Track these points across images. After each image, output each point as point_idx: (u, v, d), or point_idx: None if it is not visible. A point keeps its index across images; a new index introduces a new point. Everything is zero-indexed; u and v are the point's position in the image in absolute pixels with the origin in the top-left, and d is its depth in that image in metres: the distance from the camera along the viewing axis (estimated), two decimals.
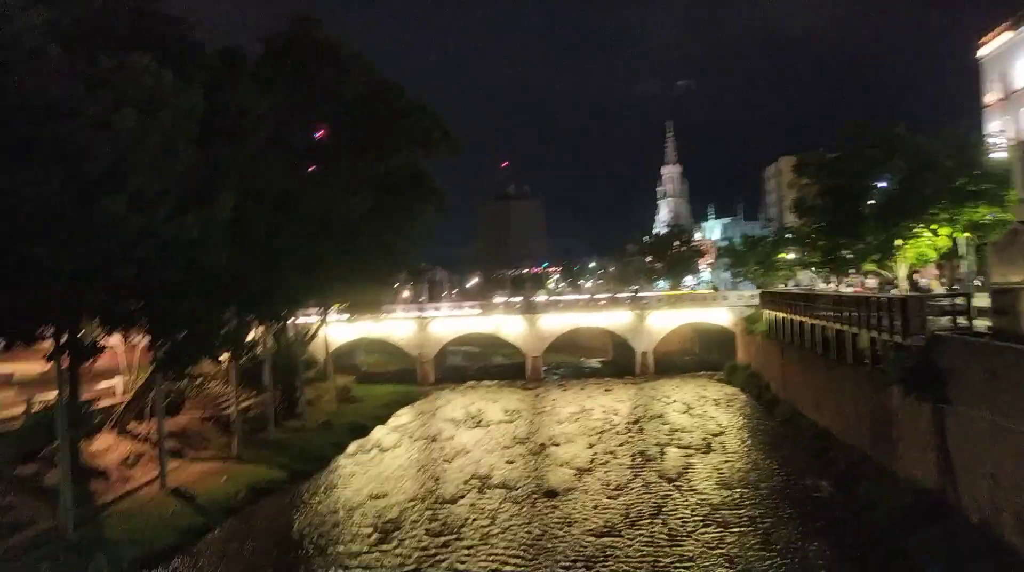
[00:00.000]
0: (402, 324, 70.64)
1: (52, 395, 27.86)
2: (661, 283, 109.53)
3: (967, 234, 36.38)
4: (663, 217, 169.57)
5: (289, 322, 45.81)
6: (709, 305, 71.94)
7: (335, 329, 64.34)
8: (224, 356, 34.23)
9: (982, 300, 23.75)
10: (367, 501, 31.52)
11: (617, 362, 75.30)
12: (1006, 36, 50.08)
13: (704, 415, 48.01)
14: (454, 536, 26.55)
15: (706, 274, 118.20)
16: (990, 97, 52.44)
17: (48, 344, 24.95)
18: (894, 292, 36.06)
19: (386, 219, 35.95)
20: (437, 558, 24.46)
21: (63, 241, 18.29)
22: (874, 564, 22.32)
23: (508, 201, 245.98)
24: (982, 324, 23.88)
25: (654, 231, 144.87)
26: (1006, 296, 21.83)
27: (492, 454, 39.47)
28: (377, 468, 37.58)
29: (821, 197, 40.95)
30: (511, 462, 37.55)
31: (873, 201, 38.03)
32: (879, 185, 37.94)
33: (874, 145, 37.96)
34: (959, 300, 24.98)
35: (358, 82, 33.83)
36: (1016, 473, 19.53)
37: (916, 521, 23.42)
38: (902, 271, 39.62)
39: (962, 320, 24.35)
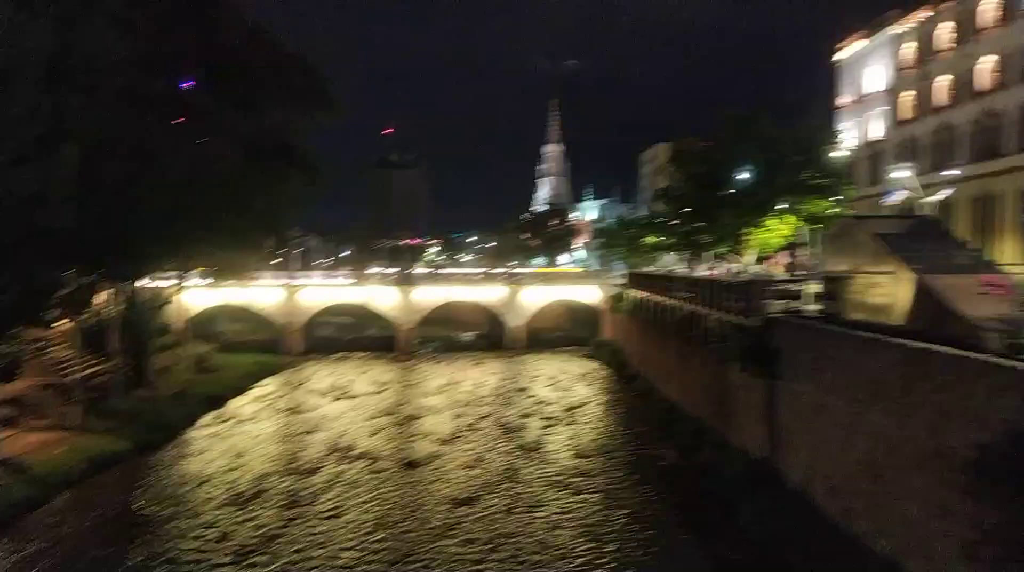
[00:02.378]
0: (269, 292, 68.25)
1: None
2: (539, 260, 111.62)
3: (809, 225, 39.42)
4: (543, 195, 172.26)
5: (143, 284, 43.11)
6: (580, 283, 74.15)
7: (195, 294, 61.33)
8: (64, 319, 31.90)
9: (816, 287, 25.82)
10: (218, 473, 30.49)
11: (490, 336, 76.29)
12: (859, 44, 54.27)
13: (567, 388, 49.63)
14: (308, 506, 26.24)
15: (582, 253, 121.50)
16: (842, 99, 56.80)
17: None
18: (743, 276, 38.54)
19: (255, 183, 34.25)
20: (288, 529, 24.10)
21: None
22: (709, 523, 24.07)
23: (391, 169, 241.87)
24: (816, 308, 26.05)
25: (533, 209, 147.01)
26: (833, 284, 23.88)
27: (355, 426, 39.13)
28: (232, 440, 36.34)
29: (685, 183, 43.04)
30: (374, 434, 37.39)
31: (732, 190, 40.35)
32: (739, 176, 40.23)
33: (738, 136, 40.20)
34: (792, 286, 27.06)
35: (230, 31, 31.90)
36: (829, 444, 21.55)
37: (747, 486, 25.45)
38: (750, 257, 42.42)
39: (796, 304, 26.40)
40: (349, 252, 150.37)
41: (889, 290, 19.80)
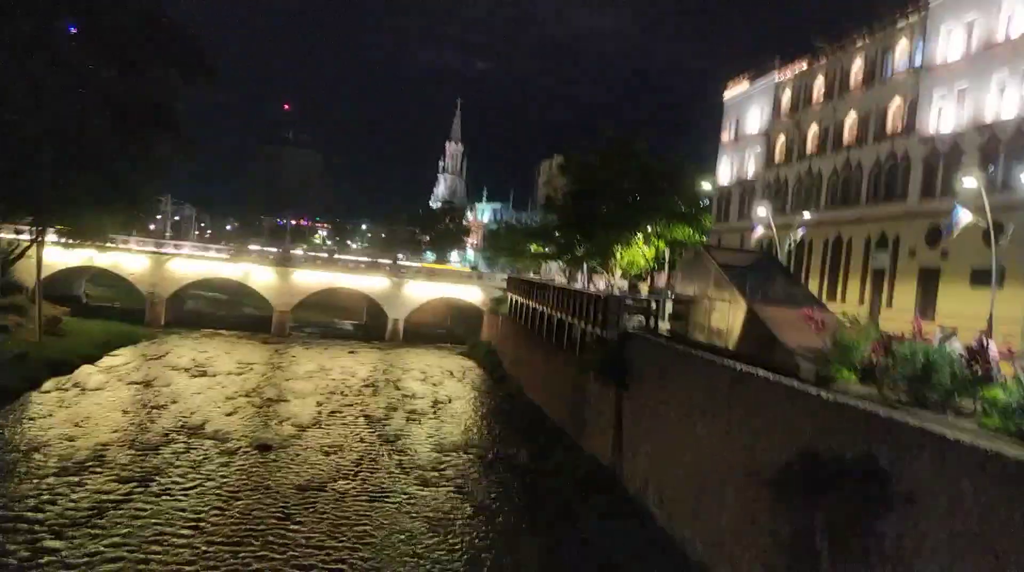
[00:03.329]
0: (136, 258, 64.90)
1: None
2: (429, 255, 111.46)
3: (669, 250, 41.91)
4: (440, 192, 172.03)
5: (11, 240, 40.06)
6: (464, 282, 74.81)
7: (52, 252, 57.49)
8: None
9: (669, 306, 27.49)
10: (54, 441, 28.87)
11: (369, 327, 75.68)
12: (743, 86, 57.75)
13: (438, 384, 50.03)
14: (144, 482, 25.31)
15: (470, 254, 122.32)
16: (725, 136, 60.23)
17: None
18: (611, 292, 40.27)
19: (119, 143, 32.60)
20: (120, 503, 23.20)
21: None
22: (546, 520, 25.07)
23: (284, 146, 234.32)
24: (667, 327, 27.73)
25: (431, 204, 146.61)
26: (681, 305, 25.53)
27: (211, 405, 37.96)
28: (75, 409, 34.42)
29: (566, 196, 44.65)
30: (230, 414, 36.43)
31: (604, 208, 42.20)
32: (612, 195, 42.07)
33: (616, 156, 42.12)
34: (648, 304, 28.69)
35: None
36: (663, 454, 23.04)
37: (589, 489, 26.73)
38: (618, 273, 44.57)
39: (651, 322, 28.00)
40: (232, 227, 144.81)
41: (725, 315, 21.44)
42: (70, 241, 46.85)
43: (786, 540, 16.32)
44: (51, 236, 47.68)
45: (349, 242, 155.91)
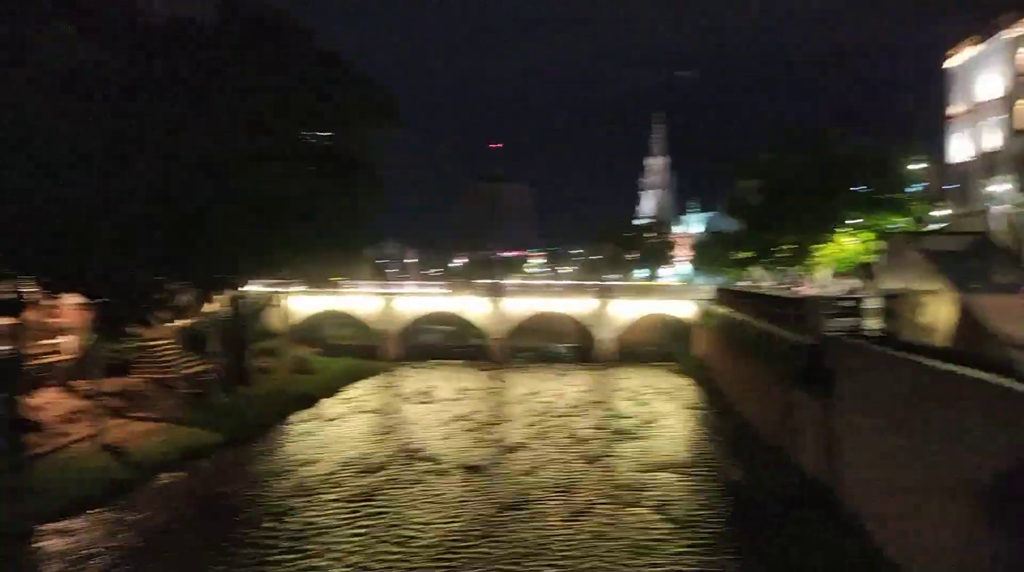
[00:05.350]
0: (369, 300, 71.71)
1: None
2: (638, 273, 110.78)
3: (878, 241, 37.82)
4: (646, 208, 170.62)
5: (245, 290, 46.57)
6: (673, 297, 73.16)
7: (298, 301, 65.35)
8: (172, 321, 35.19)
9: (875, 303, 24.95)
10: (294, 468, 32.76)
11: (581, 349, 76.57)
12: (972, 50, 51.21)
13: (647, 403, 49.31)
14: (366, 501, 27.87)
15: (685, 267, 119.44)
16: (954, 109, 53.66)
17: None
18: (813, 294, 37.32)
19: (324, 198, 36.48)
20: (344, 521, 25.76)
21: None
22: (756, 540, 23.70)
23: (497, 183, 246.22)
24: (875, 327, 25.17)
25: (636, 221, 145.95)
26: (888, 301, 23.09)
27: (430, 429, 40.73)
28: (315, 437, 38.78)
29: (754, 196, 42.27)
30: (446, 438, 38.81)
31: (800, 205, 39.29)
32: (799, 191, 39.12)
33: (809, 148, 39.18)
34: (850, 303, 26.24)
35: (300, 54, 34.40)
36: (875, 465, 20.87)
37: (801, 505, 24.91)
38: (825, 273, 41.06)
39: (855, 322, 25.60)
40: (451, 263, 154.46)
41: (934, 310, 19.06)
42: (310, 290, 52.91)
43: (1010, 558, 14.10)
44: (296, 288, 54.39)
45: (558, 268, 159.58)
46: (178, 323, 40.25)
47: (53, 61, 19.36)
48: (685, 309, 70.06)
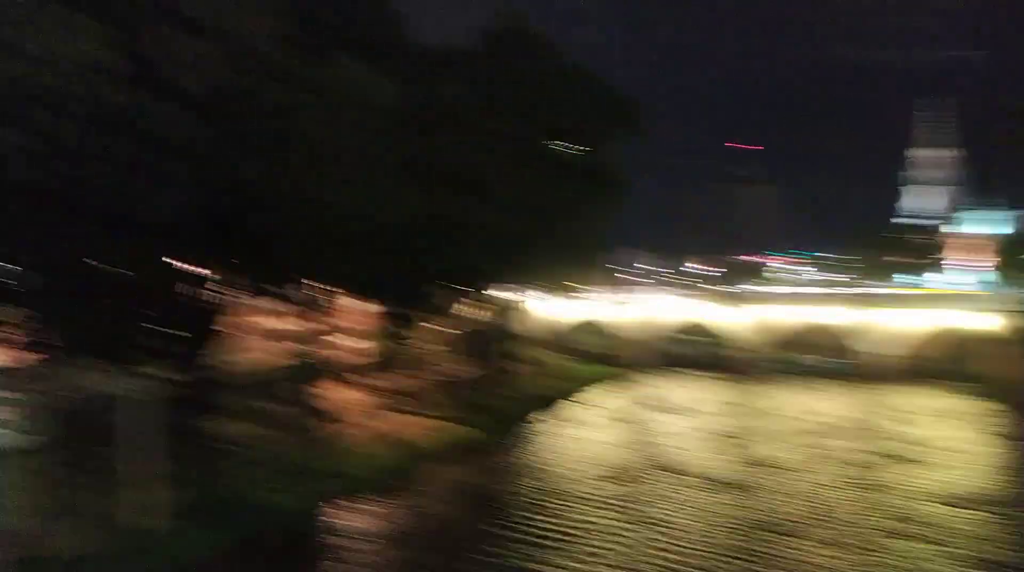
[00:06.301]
0: (607, 305, 72.17)
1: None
2: (904, 277, 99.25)
3: None
4: (909, 206, 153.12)
5: (491, 295, 48.97)
6: (966, 307, 63.73)
7: (539, 305, 67.04)
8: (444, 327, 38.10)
9: None
10: (547, 467, 34.02)
11: (842, 362, 69.96)
12: None
13: (937, 427, 43.82)
14: (620, 508, 27.81)
15: (988, 273, 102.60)
16: None
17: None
18: None
19: (568, 205, 37.24)
20: (603, 525, 25.91)
21: (289, 217, 22.30)
22: None
23: (737, 183, 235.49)
24: None
25: (897, 220, 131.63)
26: None
27: (677, 439, 39.85)
28: (560, 439, 40.03)
29: None
30: (695, 449, 37.63)
31: None
32: None
33: None
34: None
35: (554, 72, 35.45)
36: None
37: None
38: None
39: None
40: (686, 267, 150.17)
41: None
42: (549, 294, 54.62)
43: None
44: (532, 291, 56.38)
45: (812, 273, 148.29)
46: (440, 326, 43.41)
47: (353, 94, 21.86)
48: (984, 321, 60.47)
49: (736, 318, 68.78)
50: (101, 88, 18.10)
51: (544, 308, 69.58)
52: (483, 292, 44.27)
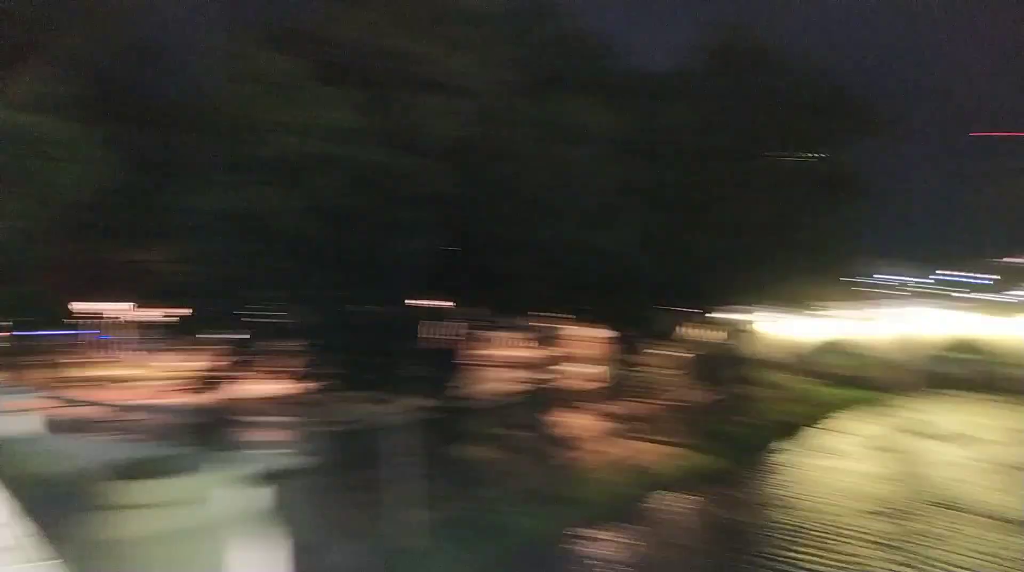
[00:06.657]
0: (855, 324, 66.21)
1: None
2: None
3: None
4: None
5: (719, 317, 47.14)
6: None
7: (775, 326, 63.23)
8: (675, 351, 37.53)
9: None
10: (794, 499, 31.66)
11: None
12: None
13: None
14: (888, 550, 25.04)
15: None
16: None
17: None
18: None
19: (810, 219, 34.84)
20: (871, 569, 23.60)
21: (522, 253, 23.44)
22: None
23: (997, 175, 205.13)
24: None
25: None
26: None
27: (959, 472, 35.13)
28: (810, 471, 37.02)
29: None
30: (973, 484, 32.98)
31: None
32: None
33: None
34: None
35: (785, 81, 33.75)
36: None
37: None
38: None
39: None
40: (945, 274, 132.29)
41: None
42: (787, 314, 51.24)
43: None
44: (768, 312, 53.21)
45: None
46: (671, 350, 42.64)
47: (573, 128, 22.68)
48: None
49: (1014, 332, 59.66)
50: (357, 150, 20.53)
51: (783, 328, 65.53)
52: (715, 314, 42.86)
